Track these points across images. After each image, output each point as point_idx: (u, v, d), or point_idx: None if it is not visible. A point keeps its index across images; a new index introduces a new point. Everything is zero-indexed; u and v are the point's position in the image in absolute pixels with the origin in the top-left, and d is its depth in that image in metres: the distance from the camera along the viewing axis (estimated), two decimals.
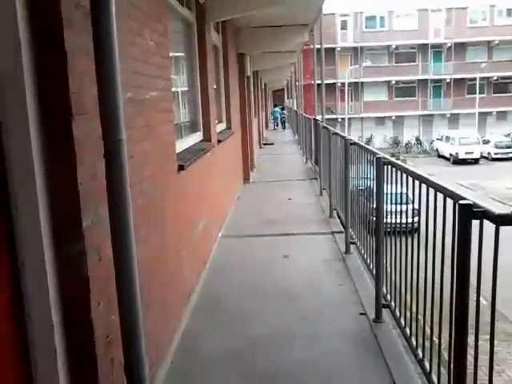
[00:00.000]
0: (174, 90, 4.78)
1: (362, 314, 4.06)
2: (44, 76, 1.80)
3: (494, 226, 1.95)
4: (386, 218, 3.83)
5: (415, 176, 3.01)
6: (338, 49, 42.90)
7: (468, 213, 2.05)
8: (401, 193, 3.46)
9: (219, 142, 6.69)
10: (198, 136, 5.94)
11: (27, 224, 1.80)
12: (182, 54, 5.78)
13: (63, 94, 1.81)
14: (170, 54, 4.23)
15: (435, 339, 2.82)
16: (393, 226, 3.79)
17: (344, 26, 43.38)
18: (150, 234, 3.03)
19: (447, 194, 2.43)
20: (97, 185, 2.01)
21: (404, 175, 3.26)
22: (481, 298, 2.20)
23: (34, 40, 1.77)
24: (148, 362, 2.22)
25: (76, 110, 1.85)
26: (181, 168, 4.08)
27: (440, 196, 2.55)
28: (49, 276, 1.84)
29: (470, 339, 2.21)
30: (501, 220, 1.92)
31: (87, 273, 1.91)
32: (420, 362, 2.99)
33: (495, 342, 2.14)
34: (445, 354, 2.63)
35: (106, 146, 1.99)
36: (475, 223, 2.07)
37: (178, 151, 4.27)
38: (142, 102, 3.08)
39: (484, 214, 2.00)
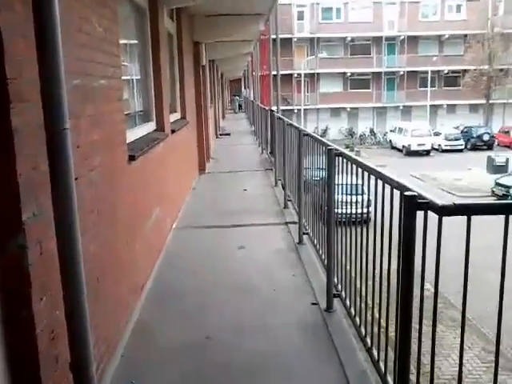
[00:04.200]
0: (125, 78, 4.67)
1: (313, 303, 4.12)
2: None
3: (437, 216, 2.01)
4: (339, 208, 3.88)
5: (364, 167, 3.06)
6: (295, 39, 43.08)
7: (413, 204, 2.10)
8: (356, 184, 3.51)
9: (173, 131, 6.59)
10: (150, 126, 5.83)
11: None
12: (134, 42, 5.64)
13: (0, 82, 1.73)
14: (121, 41, 4.12)
15: (383, 328, 2.89)
16: (346, 216, 3.84)
17: (301, 17, 43.57)
18: (99, 226, 2.96)
19: (394, 185, 2.48)
20: (38, 176, 1.94)
21: (354, 166, 3.31)
22: (428, 286, 2.26)
23: None
24: (97, 357, 2.19)
25: (14, 98, 1.77)
26: (131, 158, 4.00)
27: (388, 187, 2.60)
28: None
29: (416, 325, 2.27)
30: (444, 211, 1.97)
31: (28, 267, 1.84)
32: (369, 351, 3.05)
33: (442, 328, 2.21)
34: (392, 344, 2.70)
35: (49, 135, 1.92)
36: (420, 214, 2.13)
37: (129, 141, 4.18)
38: (90, 89, 2.99)
39: (428, 205, 2.05)
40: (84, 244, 2.10)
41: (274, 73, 12.41)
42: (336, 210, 3.90)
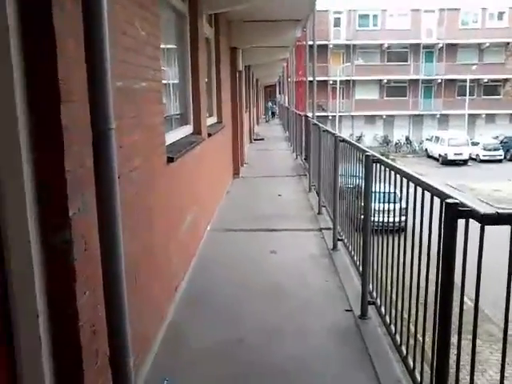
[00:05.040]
0: (165, 82, 4.75)
1: (347, 310, 4.08)
2: (32, 61, 1.78)
3: (480, 225, 1.97)
4: (374, 216, 3.84)
5: (403, 174, 3.03)
6: (331, 46, 42.93)
7: (454, 212, 2.07)
8: (389, 192, 3.48)
9: (209, 135, 6.66)
10: (188, 129, 5.91)
11: (13, 212, 1.78)
12: (173, 46, 5.73)
13: (52, 81, 1.79)
14: (162, 46, 4.20)
15: (419, 337, 2.84)
16: (380, 224, 3.81)
17: (337, 24, 43.42)
18: (137, 226, 3.01)
19: (434, 192, 2.45)
20: (84, 173, 2.00)
21: (392, 173, 3.28)
22: (465, 299, 2.22)
23: (22, 24, 1.74)
24: (133, 353, 2.21)
25: (64, 97, 1.83)
26: (170, 160, 4.06)
27: (428, 195, 2.56)
28: (35, 264, 1.82)
29: (454, 338, 2.23)
30: (486, 219, 1.93)
31: (73, 262, 1.89)
32: (404, 360, 3.01)
33: (479, 343, 2.16)
34: (429, 352, 2.65)
35: (95, 134, 1.97)
36: (461, 223, 2.09)
37: (167, 143, 4.24)
38: (131, 92, 3.06)
39: (470, 214, 2.01)
40: (123, 242, 2.14)
41: (310, 79, 12.39)
42: (371, 218, 3.86)
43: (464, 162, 35.00)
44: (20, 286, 1.82)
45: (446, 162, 34.81)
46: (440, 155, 35.89)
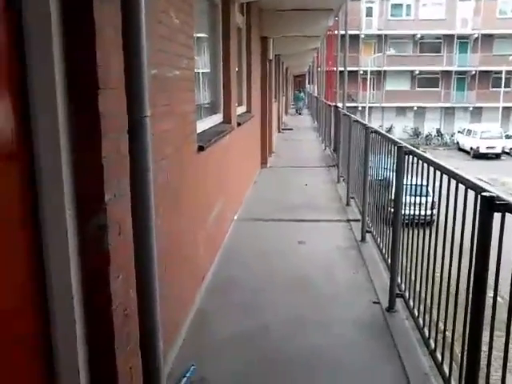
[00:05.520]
0: (196, 70, 4.77)
1: (375, 302, 4.06)
2: (72, 48, 1.81)
3: None
4: (404, 209, 3.80)
5: (437, 166, 2.98)
6: (362, 36, 42.27)
7: (490, 205, 2.03)
8: (421, 184, 3.43)
9: (239, 124, 6.67)
10: (217, 117, 5.93)
11: (51, 197, 1.82)
12: (205, 35, 5.75)
13: (90, 68, 1.82)
14: (195, 35, 4.21)
15: (447, 332, 2.81)
16: (410, 217, 3.77)
17: (369, 13, 42.72)
18: (167, 213, 3.05)
19: (469, 185, 2.41)
20: (120, 160, 2.03)
21: (425, 166, 3.23)
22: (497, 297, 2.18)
23: (63, 12, 1.77)
24: (162, 338, 2.25)
25: (102, 84, 1.86)
26: (200, 149, 4.09)
27: (461, 188, 2.52)
28: (70, 248, 1.86)
29: (484, 335, 2.20)
30: None
31: (108, 246, 1.93)
32: (432, 353, 2.99)
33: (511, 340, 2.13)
34: (456, 348, 2.63)
35: (131, 121, 2.00)
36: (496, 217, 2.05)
37: (197, 132, 4.27)
38: (165, 80, 3.08)
39: (506, 207, 1.98)
40: (155, 229, 2.17)
41: (341, 69, 12.27)
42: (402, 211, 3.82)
43: (497, 156, 34.13)
44: (56, 269, 1.87)
45: (478, 156, 34.00)
46: (471, 148, 35.10)
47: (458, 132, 39.20)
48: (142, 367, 2.16)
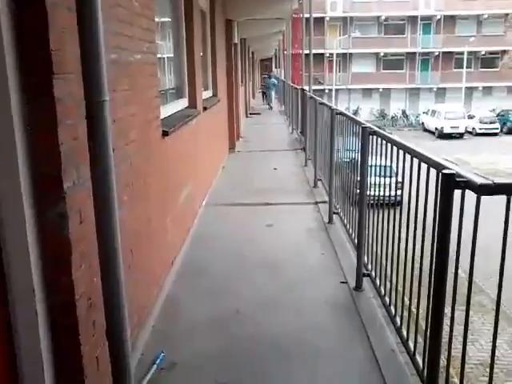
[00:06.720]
0: (159, 55, 4.68)
1: (343, 282, 4.12)
2: (24, 33, 1.74)
3: (476, 196, 1.97)
4: (369, 190, 3.85)
5: (400, 146, 3.02)
6: (327, 18, 42.31)
7: (451, 182, 2.06)
8: (385, 165, 3.47)
9: (205, 109, 6.61)
10: (183, 102, 5.86)
11: (7, 186, 1.77)
12: (168, 19, 5.64)
13: (44, 52, 1.76)
14: (156, 19, 4.12)
15: (413, 309, 2.88)
16: (376, 198, 3.81)
17: None
18: (133, 199, 3.01)
19: (431, 163, 2.44)
20: (78, 146, 1.98)
21: (389, 146, 3.27)
22: (459, 271, 2.23)
23: None
24: (130, 326, 2.23)
25: (57, 69, 1.80)
26: (165, 134, 4.03)
27: (424, 166, 2.56)
28: (29, 238, 1.82)
29: (447, 309, 2.25)
30: (483, 190, 1.93)
31: (68, 235, 1.89)
32: (398, 330, 3.05)
33: (471, 313, 2.18)
34: (422, 323, 2.69)
35: (89, 107, 1.95)
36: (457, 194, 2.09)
37: (162, 117, 4.21)
38: (126, 64, 3.01)
39: (466, 184, 2.01)
40: (119, 216, 2.14)
41: (306, 52, 12.26)
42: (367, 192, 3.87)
43: (460, 136, 34.95)
44: (15, 260, 1.82)
45: (442, 136, 34.74)
46: (436, 129, 35.81)
47: (423, 113, 39.86)
48: (109, 356, 2.14)
